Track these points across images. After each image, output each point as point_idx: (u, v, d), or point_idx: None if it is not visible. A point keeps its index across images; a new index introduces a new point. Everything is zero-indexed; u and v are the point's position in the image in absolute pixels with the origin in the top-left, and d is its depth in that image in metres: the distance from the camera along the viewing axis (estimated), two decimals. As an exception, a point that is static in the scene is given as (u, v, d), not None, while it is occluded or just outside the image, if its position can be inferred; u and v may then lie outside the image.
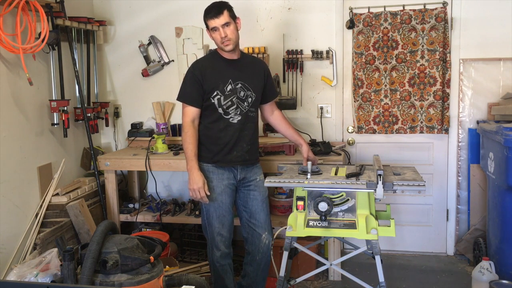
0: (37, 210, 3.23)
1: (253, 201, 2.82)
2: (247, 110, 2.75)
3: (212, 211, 2.74)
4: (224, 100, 2.69)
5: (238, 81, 2.72)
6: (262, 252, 2.85)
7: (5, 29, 2.87)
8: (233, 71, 2.73)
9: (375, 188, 2.37)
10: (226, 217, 2.76)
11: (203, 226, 2.83)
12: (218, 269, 2.80)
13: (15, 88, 3.08)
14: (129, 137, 4.03)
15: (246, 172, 2.80)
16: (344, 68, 3.82)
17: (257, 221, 2.83)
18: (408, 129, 3.74)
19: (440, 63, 3.62)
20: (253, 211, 2.82)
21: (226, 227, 2.77)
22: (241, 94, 2.72)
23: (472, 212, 3.68)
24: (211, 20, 2.62)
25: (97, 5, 4.09)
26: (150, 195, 3.95)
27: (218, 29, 2.62)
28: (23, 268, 2.63)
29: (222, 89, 2.68)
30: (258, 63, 2.93)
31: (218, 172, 2.74)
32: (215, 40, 2.69)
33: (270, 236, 2.86)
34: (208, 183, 2.72)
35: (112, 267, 2.07)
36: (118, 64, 4.15)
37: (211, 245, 2.79)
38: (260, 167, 2.91)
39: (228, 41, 2.64)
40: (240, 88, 2.72)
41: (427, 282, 3.40)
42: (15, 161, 3.07)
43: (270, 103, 2.97)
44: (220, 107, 2.69)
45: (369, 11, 3.70)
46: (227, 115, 2.71)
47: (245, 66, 2.80)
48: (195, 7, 3.89)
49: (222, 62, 2.74)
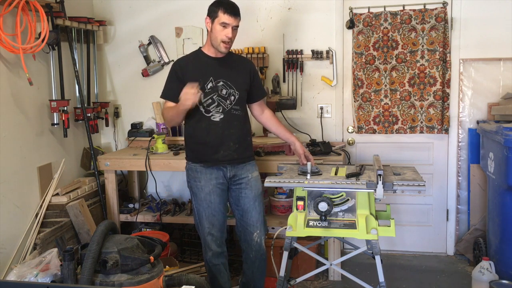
0: (37, 210, 3.23)
1: (244, 199, 2.77)
2: (230, 108, 2.70)
3: (201, 211, 2.72)
4: (204, 98, 2.64)
5: (219, 79, 2.68)
6: (255, 250, 2.83)
7: (5, 29, 2.87)
8: (216, 69, 2.69)
9: (375, 188, 2.37)
10: (216, 217, 2.73)
11: (196, 226, 2.82)
12: (211, 268, 2.78)
13: (15, 88, 3.08)
14: (129, 137, 4.03)
15: (236, 170, 2.75)
16: (344, 68, 3.82)
17: (249, 220, 2.79)
18: (408, 129, 3.74)
19: (440, 63, 3.62)
20: (245, 210, 2.79)
21: (216, 227, 2.73)
22: (223, 92, 2.68)
23: (472, 212, 3.68)
24: (227, 15, 2.56)
25: (97, 5, 4.09)
26: (150, 195, 3.95)
27: (229, 27, 2.59)
28: (23, 268, 2.63)
29: (203, 86, 2.63)
30: (243, 62, 2.87)
31: (206, 172, 2.70)
32: (215, 34, 2.61)
33: (262, 234, 2.83)
34: (196, 183, 2.71)
35: (112, 267, 2.07)
36: (118, 64, 4.15)
37: (204, 245, 2.78)
38: (253, 164, 2.85)
39: (229, 44, 2.63)
40: (222, 86, 2.68)
41: (427, 282, 3.40)
42: (15, 161, 3.07)
43: (259, 102, 2.92)
44: (201, 105, 2.64)
45: (369, 11, 3.70)
46: (208, 113, 2.67)
47: (229, 65, 2.75)
48: (195, 7, 3.90)
49: (205, 60, 2.71)
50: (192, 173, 2.74)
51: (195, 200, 2.75)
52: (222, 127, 2.67)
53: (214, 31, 2.62)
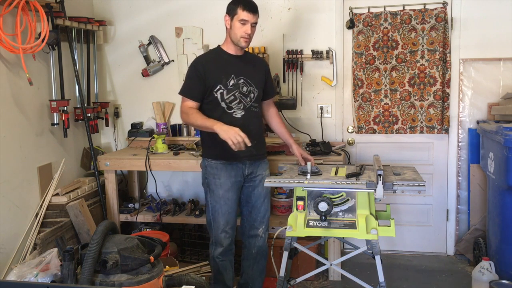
0: (37, 210, 3.23)
1: (256, 196, 2.86)
2: (250, 105, 2.78)
3: (218, 208, 2.76)
4: (226, 95, 2.71)
5: (240, 76, 2.75)
6: (258, 246, 2.91)
7: (5, 29, 2.87)
8: (236, 66, 2.76)
9: (375, 188, 2.37)
10: (231, 214, 2.79)
11: (208, 221, 2.84)
12: (218, 264, 2.81)
13: (15, 88, 3.08)
14: (129, 137, 4.03)
15: (253, 167, 2.82)
16: (344, 68, 3.82)
17: (257, 216, 2.88)
18: (408, 129, 3.74)
19: (440, 63, 3.62)
20: (254, 206, 2.87)
21: (230, 224, 2.79)
22: (243, 89, 2.75)
23: (472, 212, 3.68)
24: (246, 12, 2.65)
25: (97, 5, 4.09)
26: (150, 195, 3.95)
27: (247, 23, 2.66)
28: (23, 268, 2.63)
29: (225, 83, 2.71)
30: (259, 61, 3.00)
31: (226, 169, 2.76)
32: (234, 31, 2.68)
33: (266, 231, 2.92)
34: (215, 180, 2.75)
35: (112, 267, 2.06)
36: (118, 64, 4.15)
37: (215, 241, 2.81)
38: (267, 162, 2.95)
39: (248, 39, 2.70)
40: (242, 83, 2.75)
41: (427, 282, 3.40)
42: (15, 161, 3.07)
43: (268, 101, 3.01)
44: (223, 101, 2.71)
45: (369, 11, 3.70)
46: (230, 110, 2.73)
47: (248, 63, 2.84)
48: (195, 7, 3.90)
49: (226, 57, 2.77)
50: (211, 170, 2.77)
51: (211, 197, 2.78)
52: (243, 124, 2.71)
53: (233, 28, 2.69)
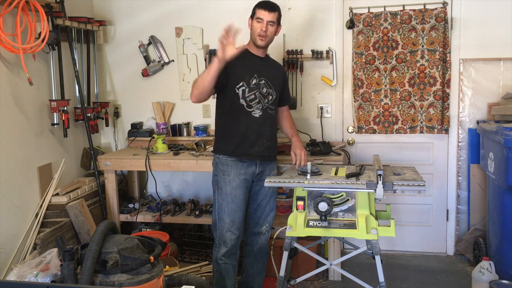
0: (37, 210, 3.23)
1: (263, 194, 2.88)
2: (267, 106, 2.81)
3: (224, 206, 2.76)
4: (248, 92, 2.75)
5: (262, 77, 2.80)
6: (260, 243, 2.93)
7: (5, 29, 2.86)
8: (260, 67, 2.81)
9: (375, 188, 2.37)
10: (238, 213, 2.78)
11: (213, 222, 2.85)
12: (221, 267, 2.79)
13: (15, 88, 3.08)
14: (129, 137, 4.03)
15: (264, 166, 2.85)
16: (344, 68, 3.82)
17: (262, 214, 2.91)
18: (408, 129, 3.74)
19: (440, 63, 3.62)
20: (260, 204, 2.90)
21: (236, 225, 2.78)
22: (263, 90, 2.79)
23: (472, 212, 3.68)
24: (262, 10, 2.73)
25: (97, 5, 4.09)
26: (150, 195, 3.95)
27: (263, 21, 2.72)
28: (23, 268, 2.63)
29: (248, 81, 2.75)
30: (279, 66, 3.07)
31: (237, 166, 2.77)
32: (252, 30, 2.77)
33: (270, 229, 2.95)
34: (225, 177, 2.76)
35: (112, 267, 2.06)
36: (118, 64, 4.15)
37: (219, 242, 2.80)
38: (276, 163, 3.00)
39: (263, 37, 2.74)
40: (263, 84, 2.80)
41: (427, 282, 3.40)
42: (15, 161, 3.07)
43: (283, 108, 3.05)
44: (243, 99, 2.74)
45: (369, 11, 3.70)
46: (250, 108, 2.76)
47: (269, 66, 2.91)
48: (195, 7, 3.90)
49: (250, 57, 2.81)
50: (222, 167, 2.78)
51: (219, 194, 2.79)
52: (260, 124, 2.77)
53: (252, 28, 2.79)
